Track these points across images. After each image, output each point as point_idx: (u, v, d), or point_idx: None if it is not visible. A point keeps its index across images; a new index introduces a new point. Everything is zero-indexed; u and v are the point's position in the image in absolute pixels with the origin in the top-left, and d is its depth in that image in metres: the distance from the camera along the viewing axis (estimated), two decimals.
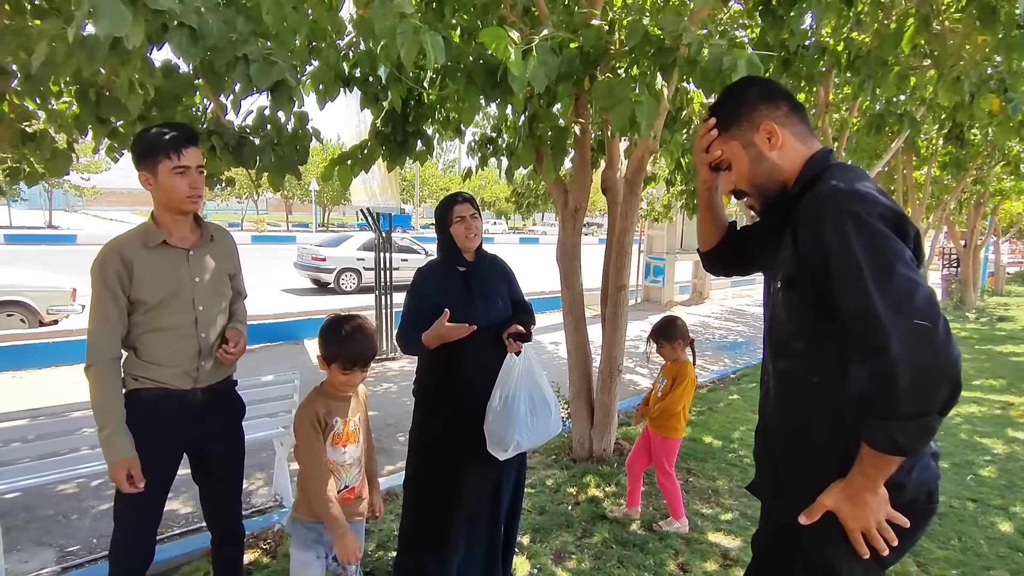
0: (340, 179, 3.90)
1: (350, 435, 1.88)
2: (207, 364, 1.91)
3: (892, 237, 1.06)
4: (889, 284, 1.03)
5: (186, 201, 1.84)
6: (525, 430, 2.10)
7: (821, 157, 1.26)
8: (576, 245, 3.84)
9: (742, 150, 1.29)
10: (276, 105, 2.59)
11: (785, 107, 1.27)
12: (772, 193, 1.29)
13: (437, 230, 2.30)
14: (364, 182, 7.08)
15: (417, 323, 2.15)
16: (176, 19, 1.84)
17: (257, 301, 10.42)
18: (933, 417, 1.02)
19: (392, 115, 3.67)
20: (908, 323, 1.00)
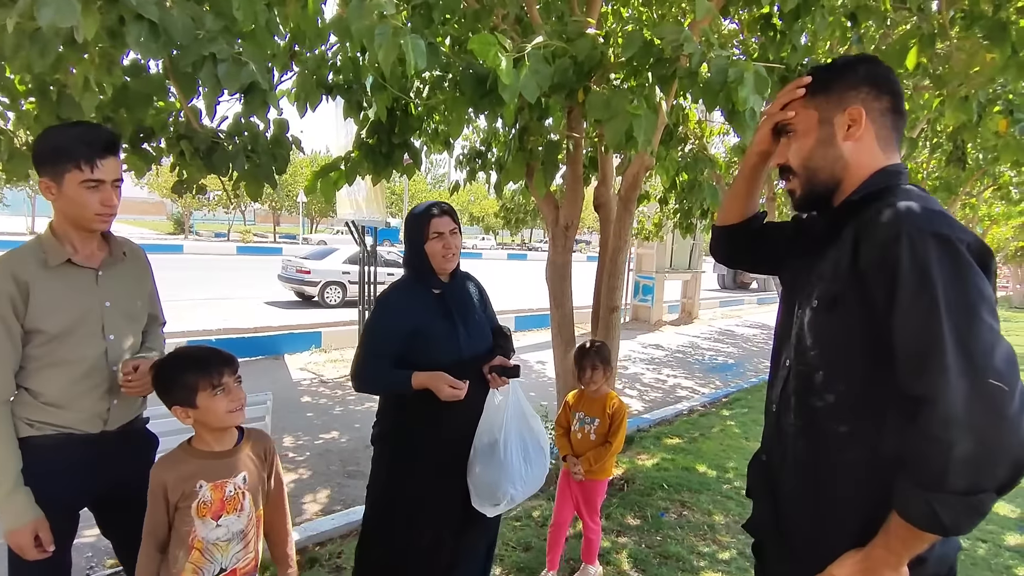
0: (323, 192, 3.74)
1: (226, 502, 1.50)
2: (119, 402, 1.65)
3: (980, 274, 0.90)
4: (968, 330, 0.87)
5: (95, 220, 1.56)
6: (519, 480, 1.83)
7: (895, 172, 1.08)
8: (566, 263, 3.69)
9: (816, 124, 1.11)
10: (249, 110, 2.43)
11: (887, 102, 1.09)
12: (820, 186, 1.12)
13: (407, 245, 1.96)
14: (349, 194, 6.92)
15: (384, 355, 1.83)
16: (134, 12, 1.67)
17: (238, 314, 10.18)
18: (988, 496, 0.85)
19: (377, 126, 3.52)
20: (980, 381, 0.84)
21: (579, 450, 2.57)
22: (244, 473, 1.54)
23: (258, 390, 4.87)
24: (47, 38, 1.80)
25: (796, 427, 1.13)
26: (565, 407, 2.71)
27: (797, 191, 1.15)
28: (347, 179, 3.67)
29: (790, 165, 1.15)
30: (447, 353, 1.85)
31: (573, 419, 2.63)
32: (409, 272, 1.97)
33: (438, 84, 3.35)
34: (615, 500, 3.48)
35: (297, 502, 3.76)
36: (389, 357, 1.84)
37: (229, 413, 1.50)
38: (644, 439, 4.85)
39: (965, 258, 0.90)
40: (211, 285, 14.09)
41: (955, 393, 0.84)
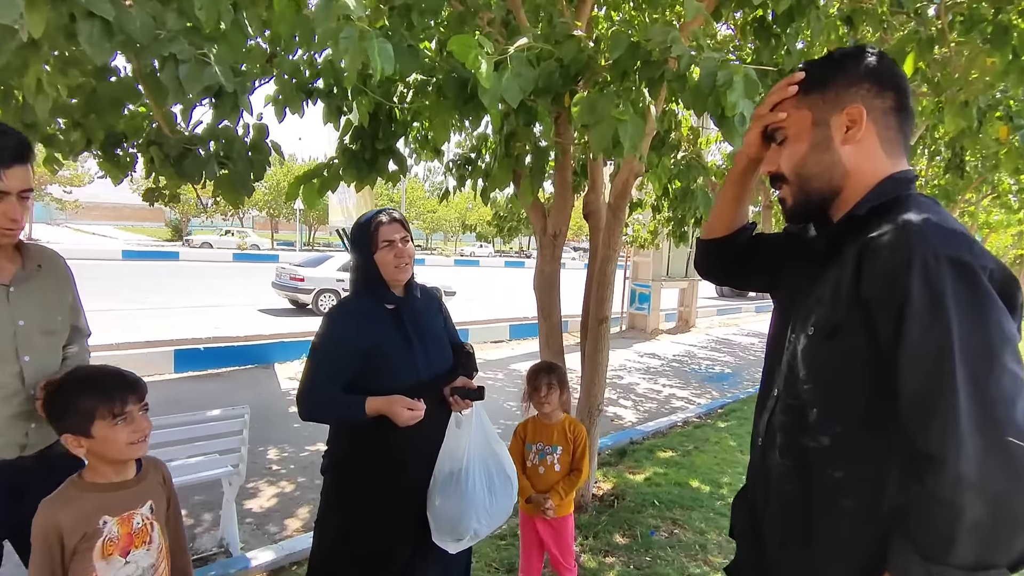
0: (305, 199, 3.65)
1: (135, 535, 1.36)
2: (37, 426, 1.53)
3: (1003, 309, 0.77)
4: (987, 376, 0.74)
5: (1, 232, 1.44)
6: (484, 513, 1.69)
7: (904, 180, 0.95)
8: (555, 273, 3.59)
9: (810, 126, 0.98)
10: (219, 114, 2.34)
11: (892, 100, 0.96)
12: (815, 196, 0.99)
13: (356, 256, 1.81)
14: (340, 201, 6.86)
15: (334, 379, 1.69)
16: (84, 9, 1.58)
17: (229, 322, 10.06)
18: (999, 573, 0.74)
19: (360, 131, 3.43)
20: (999, 438, 0.72)
21: (545, 485, 2.32)
22: (151, 502, 1.42)
23: (244, 400, 4.76)
24: (4, 39, 1.71)
25: (784, 468, 1.00)
26: (518, 440, 2.41)
27: (789, 200, 1.03)
28: (330, 186, 3.58)
29: (782, 172, 1.02)
30: (404, 374, 1.72)
31: (529, 452, 2.38)
32: (359, 286, 1.81)
33: (422, 88, 3.26)
34: (604, 518, 3.37)
35: (278, 518, 3.65)
36: (338, 380, 1.70)
37: (130, 445, 1.35)
38: (636, 452, 4.74)
39: (986, 289, 0.78)
40: (205, 292, 13.99)
41: (968, 451, 0.73)
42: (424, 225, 46.22)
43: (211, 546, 3.25)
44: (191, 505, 3.68)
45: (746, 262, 1.24)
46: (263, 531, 3.50)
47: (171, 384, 6.54)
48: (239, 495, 3.82)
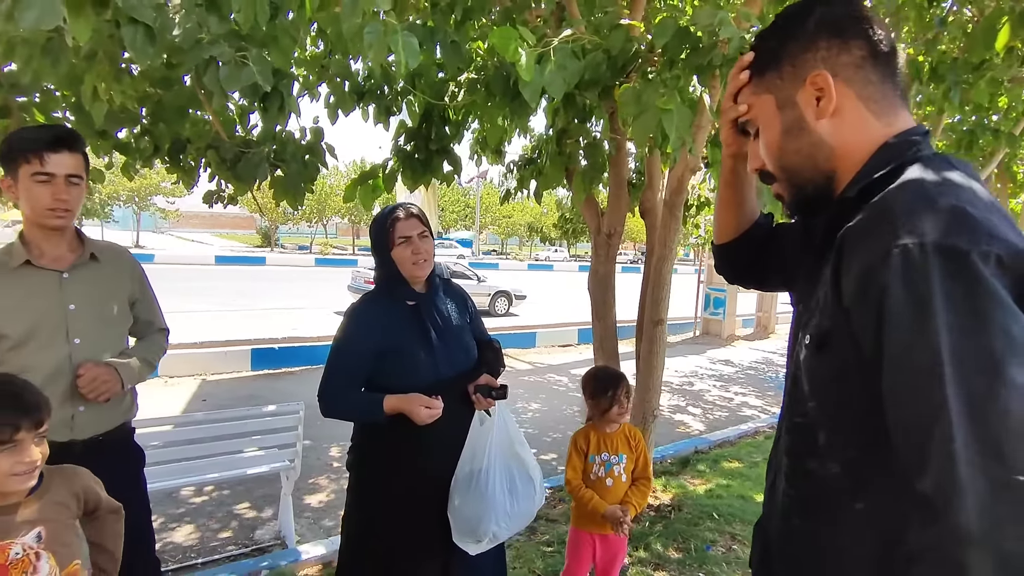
0: (362, 200, 3.72)
1: (10, 567, 1.26)
2: (86, 409, 1.60)
3: (1012, 310, 0.59)
4: (989, 400, 0.57)
5: (47, 215, 1.53)
6: (504, 516, 1.64)
7: (906, 142, 0.76)
8: (609, 273, 3.47)
9: (776, 111, 0.83)
10: (268, 117, 2.41)
11: (860, 51, 0.78)
12: (808, 186, 0.83)
13: (374, 254, 1.80)
14: None
15: (353, 377, 1.69)
16: (128, 16, 1.65)
17: (307, 323, 10.51)
18: None
19: (414, 132, 3.46)
20: (1005, 480, 0.56)
21: (615, 498, 2.16)
22: (39, 529, 1.29)
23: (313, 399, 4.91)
24: (61, 49, 1.83)
25: (789, 498, 0.86)
26: (578, 453, 2.23)
27: (784, 196, 0.88)
28: (385, 187, 3.63)
29: (767, 169, 0.87)
30: (424, 372, 1.69)
31: (593, 464, 2.21)
32: (379, 283, 1.81)
33: (472, 87, 3.25)
34: (658, 528, 3.21)
35: (335, 513, 3.72)
36: (358, 378, 1.69)
37: (12, 476, 1.22)
38: (701, 461, 4.52)
39: (987, 285, 0.59)
40: (287, 295, 14.70)
41: (969, 498, 0.57)
42: (499, 230, 46.71)
43: (269, 538, 3.36)
44: (254, 498, 3.82)
45: (762, 261, 1.09)
46: (319, 526, 3.58)
47: (248, 381, 6.87)
48: (300, 490, 3.94)
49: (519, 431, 1.78)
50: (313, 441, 4.85)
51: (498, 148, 4.99)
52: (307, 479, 4.10)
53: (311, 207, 35.02)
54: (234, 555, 3.12)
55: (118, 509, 1.47)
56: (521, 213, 40.94)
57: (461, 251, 31.36)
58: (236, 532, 3.41)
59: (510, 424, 1.75)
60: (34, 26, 1.45)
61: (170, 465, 2.82)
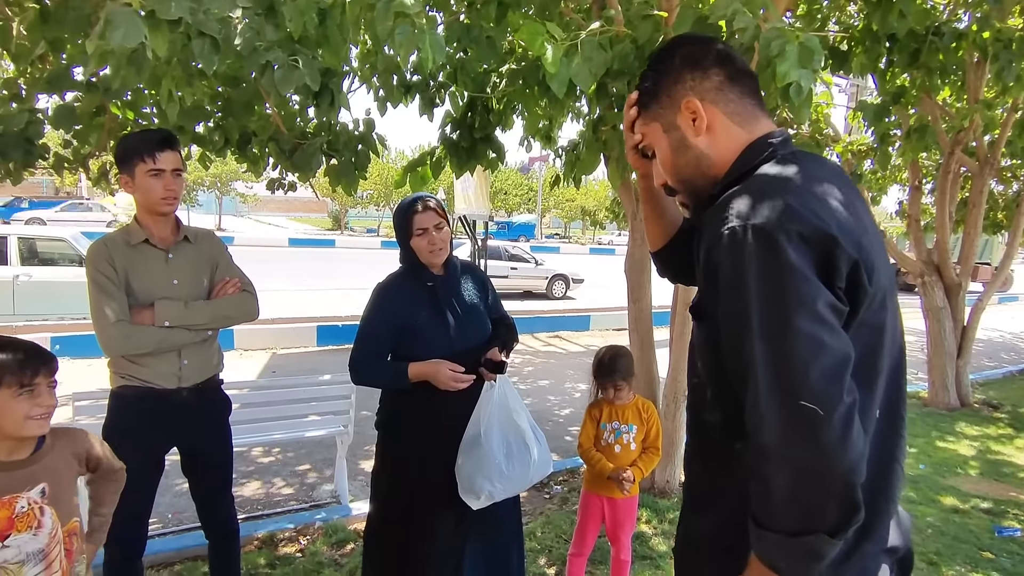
0: (412, 186, 3.94)
1: (17, 520, 1.30)
2: (189, 362, 1.93)
3: (804, 274, 0.75)
4: (780, 344, 0.74)
5: (161, 203, 1.87)
6: (498, 476, 1.80)
7: (762, 144, 0.94)
8: (645, 257, 3.56)
9: (663, 135, 1.01)
10: (320, 111, 2.64)
11: (718, 76, 0.97)
12: (703, 192, 1.00)
13: (398, 240, 2.01)
14: (463, 190, 7.21)
15: (378, 349, 1.92)
16: (197, 29, 1.90)
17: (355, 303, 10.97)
18: (819, 538, 0.73)
19: (459, 122, 3.65)
20: (792, 404, 0.72)
21: (623, 463, 2.36)
22: (43, 485, 1.36)
23: None
24: (143, 59, 2.12)
25: (691, 448, 1.03)
26: (592, 421, 2.44)
27: (688, 203, 1.06)
28: (434, 173, 3.84)
29: (667, 184, 1.05)
30: (438, 346, 1.88)
31: (604, 431, 2.41)
32: (402, 266, 2.02)
33: (512, 78, 3.39)
34: (675, 499, 3.32)
35: None
36: (383, 349, 1.92)
37: (28, 420, 1.31)
38: None
39: (784, 256, 0.75)
40: (354, 275, 15.36)
41: (768, 421, 0.74)
42: (562, 213, 46.61)
43: (326, 496, 3.69)
44: (315, 460, 4.18)
45: (691, 259, 1.22)
46: None
47: (314, 356, 7.35)
48: (356, 455, 4.27)
49: (520, 401, 1.95)
50: (371, 412, 5.19)
51: (547, 134, 5.13)
52: (362, 446, 4.42)
53: (378, 191, 36.04)
54: (295, 509, 3.46)
55: (119, 470, 1.59)
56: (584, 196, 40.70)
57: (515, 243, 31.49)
58: (297, 490, 3.77)
59: (510, 395, 1.91)
60: (121, 43, 1.72)
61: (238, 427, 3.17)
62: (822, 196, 0.82)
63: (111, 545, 1.87)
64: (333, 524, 3.03)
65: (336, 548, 2.84)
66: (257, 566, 2.61)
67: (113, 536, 1.87)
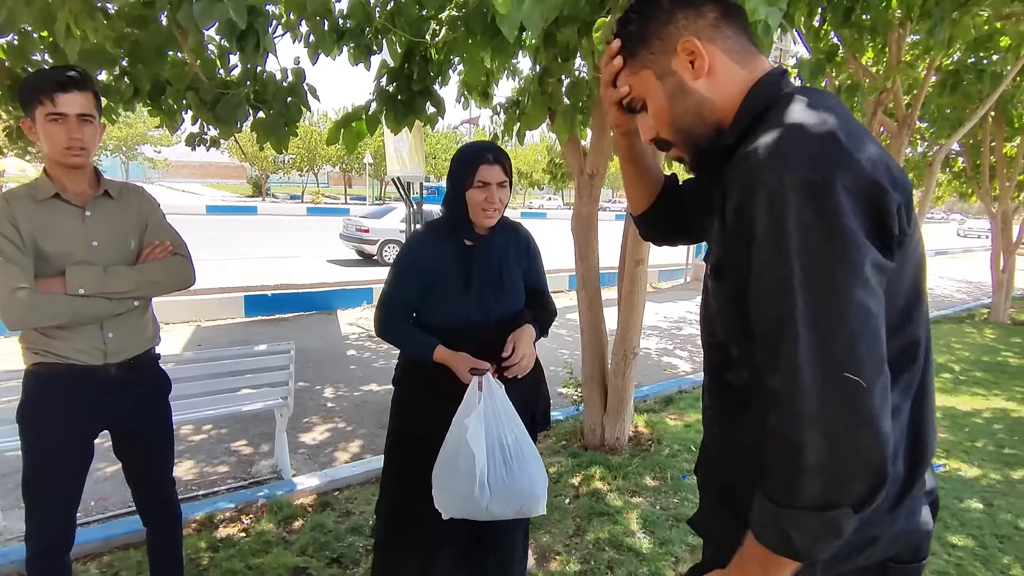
0: (346, 143, 3.69)
1: None
2: (115, 335, 1.71)
3: (855, 232, 0.69)
4: (829, 310, 0.69)
5: (65, 154, 1.60)
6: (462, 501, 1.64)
7: (769, 83, 0.87)
8: (592, 215, 3.52)
9: (656, 82, 0.91)
10: (244, 56, 2.39)
11: (712, 12, 0.88)
12: (704, 141, 0.91)
13: (448, 184, 1.77)
14: (396, 151, 6.91)
15: (404, 306, 1.79)
16: None
17: (299, 271, 10.56)
18: (844, 512, 0.70)
19: (396, 73, 3.43)
20: (835, 374, 0.68)
21: None
22: None
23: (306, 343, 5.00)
24: None
25: (711, 411, 0.97)
26: None
27: (685, 156, 0.96)
28: (370, 129, 3.61)
29: (661, 137, 0.95)
30: (454, 312, 1.75)
31: None
32: (445, 216, 1.81)
33: (453, 25, 3.20)
34: (636, 460, 3.37)
35: (329, 450, 3.87)
36: (410, 305, 1.80)
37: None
38: (683, 400, 4.68)
39: (838, 211, 0.69)
40: (279, 244, 14.70)
41: (806, 387, 0.69)
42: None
43: (266, 472, 3.51)
44: (251, 436, 3.97)
45: (679, 218, 1.16)
46: (315, 461, 3.73)
47: (242, 327, 6.98)
48: (295, 428, 4.09)
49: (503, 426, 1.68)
50: (308, 383, 4.99)
51: (485, 90, 4.94)
52: (301, 419, 4.24)
53: (301, 155, 34.51)
54: (233, 487, 3.27)
55: None
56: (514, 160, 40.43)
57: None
58: (234, 467, 3.56)
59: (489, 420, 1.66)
60: None
61: None
62: (857, 136, 0.75)
63: (34, 540, 1.67)
64: (278, 500, 2.87)
65: (283, 525, 2.69)
66: (198, 550, 2.43)
67: (37, 530, 1.67)
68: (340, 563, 2.41)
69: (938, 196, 11.70)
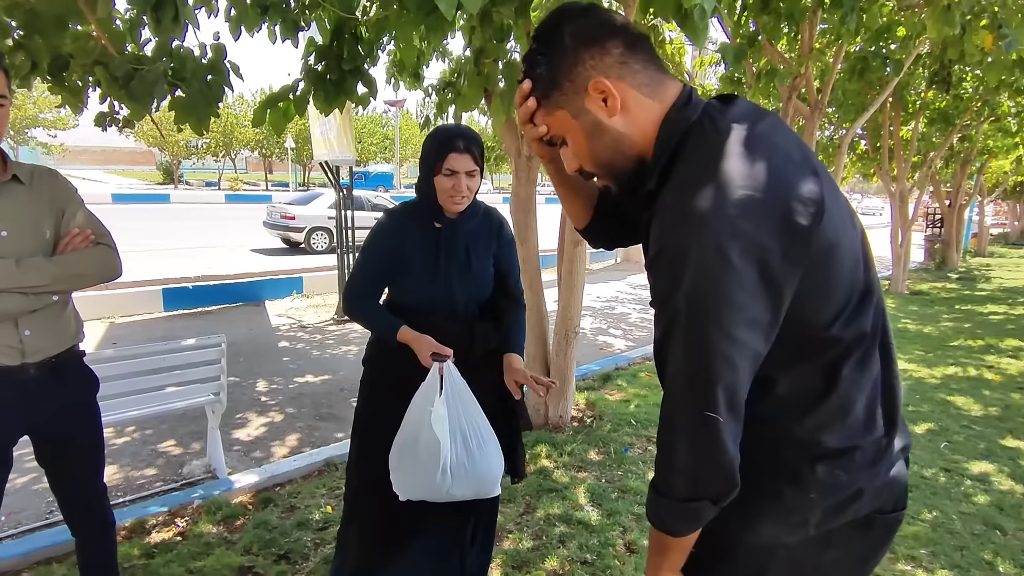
0: (272, 124, 3.52)
1: None
2: (32, 332, 1.57)
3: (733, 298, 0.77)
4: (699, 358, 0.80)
5: None
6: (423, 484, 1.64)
7: (679, 117, 0.88)
8: (530, 196, 3.53)
9: (572, 121, 0.92)
10: (161, 29, 2.23)
11: (617, 48, 0.89)
12: (626, 172, 0.94)
13: (421, 166, 1.77)
14: (323, 134, 6.67)
15: (372, 286, 1.81)
16: None
17: (222, 261, 10.05)
18: (704, 505, 0.85)
19: (325, 51, 3.29)
20: (698, 409, 0.81)
21: None
22: None
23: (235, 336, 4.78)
24: None
25: None
26: None
27: (611, 186, 0.99)
28: (298, 110, 3.46)
29: (584, 169, 0.98)
30: (418, 294, 1.77)
31: None
32: (417, 198, 1.82)
33: (385, 2, 3.10)
34: (580, 437, 3.45)
35: (265, 445, 3.73)
36: (379, 284, 1.82)
37: None
38: (620, 376, 4.82)
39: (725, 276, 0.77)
40: (197, 234, 13.92)
41: (677, 416, 0.84)
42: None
43: (199, 472, 3.34)
44: (179, 436, 3.77)
45: (624, 222, 1.18)
46: (250, 457, 3.59)
47: (161, 322, 6.59)
48: (228, 425, 3.91)
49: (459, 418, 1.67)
50: (239, 377, 4.78)
51: (415, 71, 4.83)
52: (234, 415, 4.06)
53: (216, 140, 32.67)
54: (163, 490, 3.10)
55: None
56: None
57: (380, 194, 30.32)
58: (162, 469, 3.38)
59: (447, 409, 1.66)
60: None
61: None
62: (757, 174, 0.80)
63: None
64: (215, 500, 2.75)
65: (224, 525, 2.58)
66: (130, 558, 2.29)
67: None
68: (288, 559, 2.34)
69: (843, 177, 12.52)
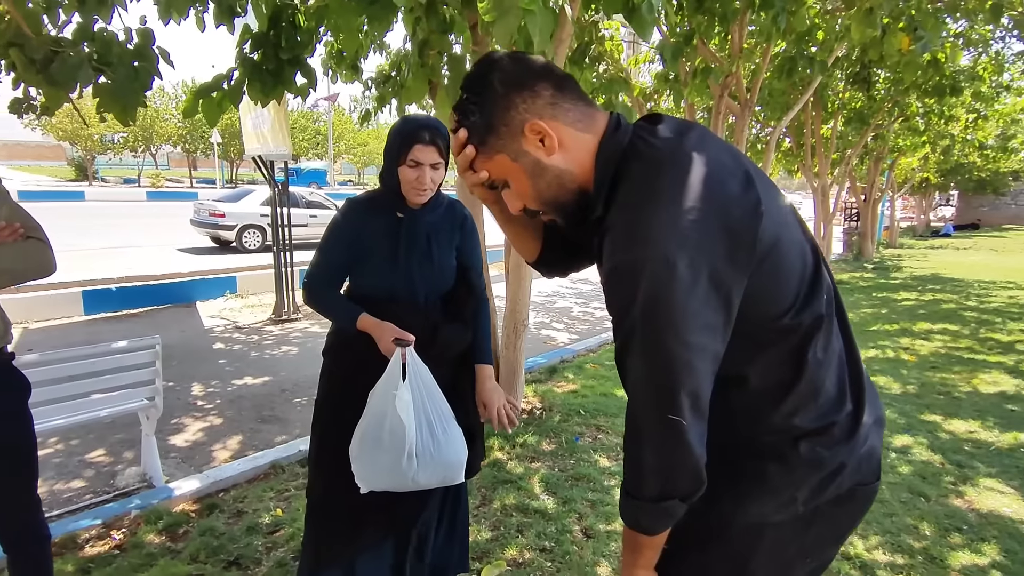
0: (205, 115, 3.37)
1: None
2: None
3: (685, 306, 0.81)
4: (659, 367, 0.84)
5: None
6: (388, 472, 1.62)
7: (612, 143, 0.93)
8: None
9: (513, 163, 0.94)
10: (85, 9, 2.10)
11: (547, 90, 0.92)
12: (571, 206, 0.97)
13: (385, 156, 1.74)
14: (255, 127, 6.42)
15: (332, 274, 1.79)
16: None
17: (146, 262, 9.52)
18: (675, 503, 0.90)
19: (262, 39, 3.17)
20: (662, 415, 0.85)
21: None
22: None
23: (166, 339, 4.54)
24: None
25: None
26: None
27: (557, 220, 1.02)
28: (232, 100, 3.32)
29: (528, 208, 1.00)
30: (381, 282, 1.74)
31: None
32: (380, 187, 1.79)
33: None
34: (531, 428, 3.48)
35: (204, 451, 3.57)
36: (339, 273, 1.80)
37: None
38: (566, 369, 4.89)
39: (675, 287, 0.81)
40: (117, 232, 13.12)
41: (642, 424, 0.88)
42: (355, 159, 44.48)
43: (134, 482, 3.16)
44: (109, 444, 3.56)
45: (574, 250, 1.19)
46: (189, 464, 3.43)
47: (82, 326, 6.18)
48: (163, 431, 3.71)
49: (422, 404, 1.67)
50: (173, 382, 4.55)
51: (354, 63, 4.72)
52: (168, 420, 3.87)
53: (135, 134, 30.84)
54: (94, 503, 2.92)
55: None
56: (378, 140, 39.17)
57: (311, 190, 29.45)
58: (92, 480, 3.18)
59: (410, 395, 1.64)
60: None
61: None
62: (693, 187, 0.84)
63: None
64: (155, 509, 2.61)
65: (166, 534, 2.45)
66: (65, 574, 2.14)
67: None
68: (239, 565, 2.25)
69: (770, 173, 13.17)
